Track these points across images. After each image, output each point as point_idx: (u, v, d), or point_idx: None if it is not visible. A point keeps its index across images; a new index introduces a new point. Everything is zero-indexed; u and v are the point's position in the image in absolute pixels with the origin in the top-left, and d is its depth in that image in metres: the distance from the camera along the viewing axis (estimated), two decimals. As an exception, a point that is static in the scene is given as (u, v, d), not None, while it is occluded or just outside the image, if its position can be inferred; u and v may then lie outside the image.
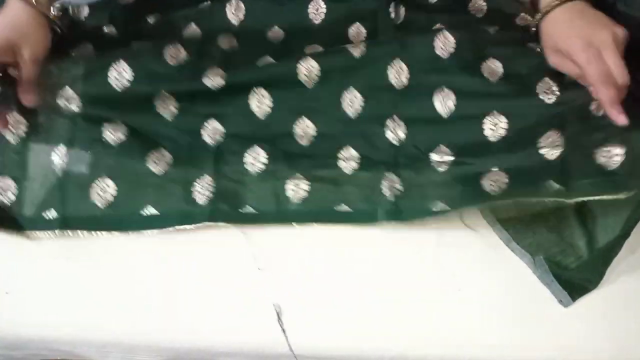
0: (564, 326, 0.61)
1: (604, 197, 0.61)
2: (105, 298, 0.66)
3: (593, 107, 0.66)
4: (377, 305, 0.64)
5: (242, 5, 0.82)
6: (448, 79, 0.73)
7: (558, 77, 0.70)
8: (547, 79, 0.70)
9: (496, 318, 0.62)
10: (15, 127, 0.73)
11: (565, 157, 0.65)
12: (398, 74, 0.74)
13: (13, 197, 0.72)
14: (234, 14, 0.82)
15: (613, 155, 0.63)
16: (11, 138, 0.73)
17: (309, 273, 0.66)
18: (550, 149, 0.67)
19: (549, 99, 0.69)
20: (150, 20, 0.83)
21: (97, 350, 0.65)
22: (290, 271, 0.66)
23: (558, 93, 0.69)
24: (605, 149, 0.63)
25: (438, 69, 0.74)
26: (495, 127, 0.70)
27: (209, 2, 0.83)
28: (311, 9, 0.82)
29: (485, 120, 0.70)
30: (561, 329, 0.61)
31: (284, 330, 0.61)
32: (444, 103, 0.72)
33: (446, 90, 0.72)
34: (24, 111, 0.73)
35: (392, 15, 0.79)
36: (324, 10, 0.81)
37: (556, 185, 0.64)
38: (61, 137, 0.73)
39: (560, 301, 0.62)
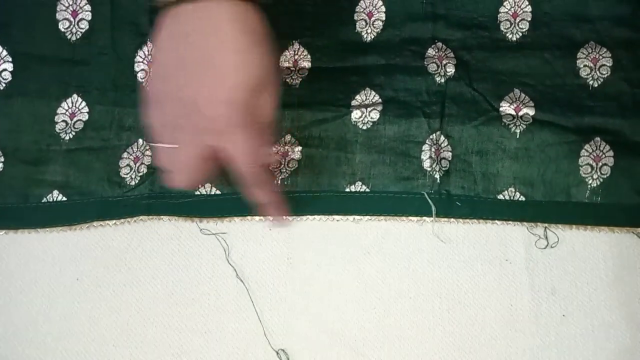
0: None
1: None
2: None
3: None
4: (432, 345, 0.41)
5: None
6: None
7: None
8: None
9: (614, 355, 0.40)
10: None
11: None
12: None
13: None
14: None
15: None
16: None
17: (326, 299, 0.42)
18: None
19: None
20: None
21: None
22: (297, 298, 0.43)
23: None
24: None
25: None
26: (595, 65, 0.44)
27: None
28: None
29: (579, 54, 0.45)
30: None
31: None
32: (514, 22, 0.45)
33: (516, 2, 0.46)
34: None
35: None
36: None
37: None
38: None
39: None
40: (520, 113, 0.44)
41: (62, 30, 0.48)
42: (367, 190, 0.44)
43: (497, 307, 0.41)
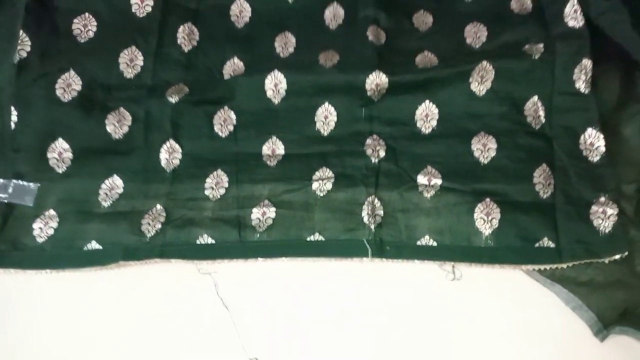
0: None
1: (595, 260, 0.56)
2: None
3: (582, 145, 0.60)
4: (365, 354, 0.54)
5: None
6: (431, 92, 0.64)
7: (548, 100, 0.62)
8: (535, 99, 0.63)
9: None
10: None
11: (554, 202, 0.59)
12: (376, 86, 0.65)
13: None
14: None
15: (608, 217, 0.57)
16: None
17: (294, 320, 0.56)
18: (543, 186, 0.59)
19: (536, 124, 0.62)
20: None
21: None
22: (272, 319, 0.56)
23: (543, 120, 0.62)
24: (599, 209, 0.57)
25: (420, 82, 0.65)
26: (484, 148, 0.61)
27: None
28: None
29: (473, 141, 0.62)
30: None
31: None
32: (426, 120, 0.64)
33: (429, 104, 0.64)
34: None
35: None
36: None
37: (550, 243, 0.57)
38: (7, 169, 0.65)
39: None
40: (432, 183, 0.61)
41: (109, 132, 0.67)
42: (323, 239, 0.59)
43: (415, 327, 0.55)
